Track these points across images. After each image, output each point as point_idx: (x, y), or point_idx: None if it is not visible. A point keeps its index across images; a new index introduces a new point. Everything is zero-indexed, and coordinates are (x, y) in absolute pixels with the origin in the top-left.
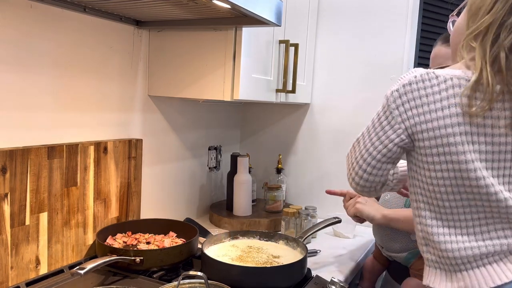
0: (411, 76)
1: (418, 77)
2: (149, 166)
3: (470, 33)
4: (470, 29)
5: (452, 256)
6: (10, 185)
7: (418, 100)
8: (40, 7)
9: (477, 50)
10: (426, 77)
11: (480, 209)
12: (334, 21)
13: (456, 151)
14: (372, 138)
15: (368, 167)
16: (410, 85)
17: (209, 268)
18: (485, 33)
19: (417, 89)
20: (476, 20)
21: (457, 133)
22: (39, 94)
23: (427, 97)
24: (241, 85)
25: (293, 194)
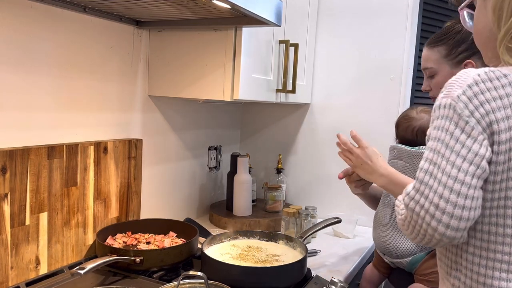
0: (474, 75)
1: (483, 75)
2: (149, 166)
3: (503, 35)
4: (502, 31)
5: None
6: (10, 185)
7: (493, 102)
8: (40, 7)
9: None
10: (492, 75)
11: None
12: (334, 21)
13: None
14: (454, 162)
15: (466, 201)
16: (478, 85)
17: (209, 268)
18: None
19: (487, 89)
20: (506, 21)
21: None
22: (39, 94)
23: (502, 100)
24: (241, 85)
25: (293, 194)
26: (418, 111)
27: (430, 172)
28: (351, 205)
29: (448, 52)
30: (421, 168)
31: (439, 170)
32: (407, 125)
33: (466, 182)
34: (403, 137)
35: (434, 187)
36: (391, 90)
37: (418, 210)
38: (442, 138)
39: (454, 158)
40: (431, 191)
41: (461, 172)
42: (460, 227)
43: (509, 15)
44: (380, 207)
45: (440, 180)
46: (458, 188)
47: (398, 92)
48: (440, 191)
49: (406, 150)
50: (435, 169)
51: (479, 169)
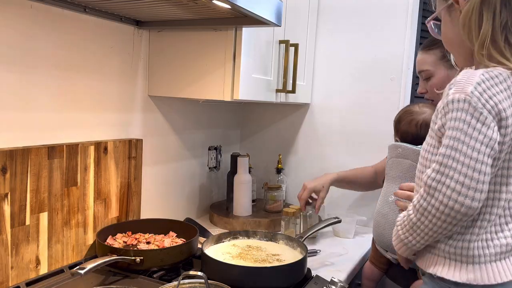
0: (479, 75)
1: (486, 75)
2: (149, 166)
3: (479, 45)
4: (476, 45)
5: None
6: (10, 185)
7: (499, 95)
8: (40, 7)
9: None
10: (492, 74)
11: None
12: (334, 21)
13: None
14: (474, 146)
15: (484, 177)
16: (485, 83)
17: (209, 268)
18: (492, 40)
19: (491, 85)
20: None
21: None
22: (39, 94)
23: (502, 93)
24: (241, 85)
25: (293, 194)
26: (420, 106)
27: (452, 157)
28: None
29: (443, 54)
30: (441, 154)
31: (461, 153)
32: (411, 119)
33: (484, 161)
34: (405, 132)
35: (458, 168)
36: (391, 90)
37: (444, 190)
38: (460, 127)
39: (473, 143)
40: (455, 172)
41: (480, 154)
42: (481, 198)
43: (477, 32)
44: (383, 205)
45: (463, 162)
46: (478, 167)
47: (398, 92)
48: (464, 170)
49: (412, 149)
50: (457, 153)
51: (492, 150)
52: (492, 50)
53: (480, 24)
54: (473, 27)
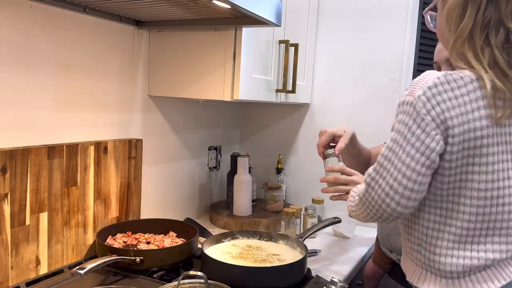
0: (434, 78)
1: (442, 78)
2: (149, 166)
3: (454, 40)
4: (453, 37)
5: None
6: (10, 185)
7: (448, 102)
8: (40, 7)
9: (469, 55)
10: (450, 78)
11: (486, 218)
12: (334, 21)
13: (486, 152)
14: (409, 152)
15: (414, 185)
16: (437, 87)
17: (209, 268)
18: (470, 36)
19: (444, 90)
20: (457, 24)
21: (488, 135)
22: (39, 94)
23: (457, 99)
24: (241, 85)
25: (293, 194)
26: None
27: (389, 158)
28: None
29: None
30: (382, 154)
31: (396, 157)
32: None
33: (416, 170)
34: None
35: (391, 171)
36: (391, 90)
37: (376, 188)
38: (401, 131)
39: (409, 149)
40: (388, 174)
41: (413, 161)
42: (408, 205)
43: (456, 27)
44: None
45: (396, 166)
46: (409, 174)
47: (398, 92)
48: (395, 175)
49: None
50: (393, 156)
51: (428, 160)
52: (467, 49)
53: (462, 19)
54: (454, 20)
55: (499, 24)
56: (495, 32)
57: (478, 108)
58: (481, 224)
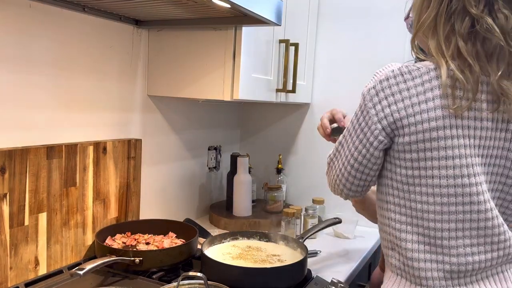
0: (388, 71)
1: (396, 71)
2: (149, 166)
3: (417, 30)
4: (416, 27)
5: (417, 267)
6: (9, 185)
7: (398, 94)
8: (39, 6)
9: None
10: (405, 70)
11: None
12: (334, 20)
13: (444, 145)
14: (354, 142)
15: (357, 173)
16: (388, 80)
17: (209, 269)
18: (434, 26)
19: (396, 83)
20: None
21: (445, 126)
22: (38, 94)
23: (409, 91)
24: (241, 85)
25: (293, 194)
26: None
27: (342, 145)
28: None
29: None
30: (338, 140)
31: (346, 145)
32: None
33: (358, 160)
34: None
35: (339, 158)
36: None
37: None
38: (352, 120)
39: (354, 139)
40: (337, 160)
41: (356, 152)
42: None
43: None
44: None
45: (344, 153)
46: (352, 163)
47: None
48: (342, 160)
49: None
50: (344, 143)
51: (368, 153)
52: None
53: (426, 10)
54: (418, 11)
55: (464, 13)
56: (460, 21)
57: (433, 98)
58: (449, 225)
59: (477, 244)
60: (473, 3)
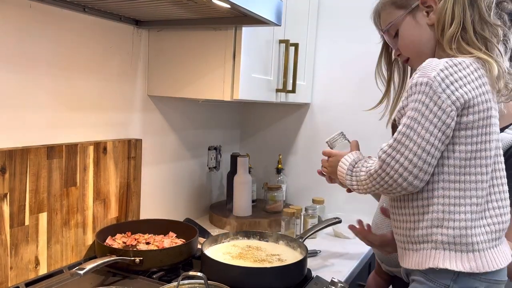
0: (443, 62)
1: (449, 62)
2: (149, 166)
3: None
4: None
5: (470, 234)
6: (9, 185)
7: (460, 81)
8: (39, 6)
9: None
10: (455, 61)
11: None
12: (334, 20)
13: (493, 123)
14: (428, 128)
15: (432, 159)
16: (448, 69)
17: (209, 269)
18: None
19: (454, 72)
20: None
21: (494, 108)
22: (39, 94)
23: (466, 78)
24: (241, 85)
25: (293, 194)
26: None
27: (407, 135)
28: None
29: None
30: (399, 131)
31: (415, 133)
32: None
33: (434, 145)
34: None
35: (410, 146)
36: None
37: (393, 163)
38: (419, 109)
39: (428, 124)
40: (407, 149)
41: (432, 137)
42: (424, 178)
43: (449, 27)
44: (376, 214)
45: (416, 141)
46: (428, 149)
47: None
48: (415, 149)
49: None
50: (411, 133)
51: (444, 135)
52: (462, 42)
53: (453, 19)
54: (446, 21)
55: (481, 20)
56: (481, 27)
57: (484, 84)
58: (493, 189)
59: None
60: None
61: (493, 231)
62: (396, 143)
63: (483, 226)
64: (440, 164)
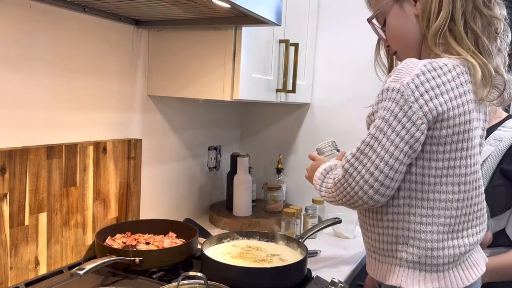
0: (420, 66)
1: (428, 65)
2: (149, 166)
3: (435, 31)
4: (433, 28)
5: (436, 256)
6: (9, 185)
7: (437, 89)
8: (39, 6)
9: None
10: (436, 65)
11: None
12: (334, 20)
13: (472, 136)
14: (393, 140)
15: (395, 174)
16: (424, 75)
17: (209, 269)
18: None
19: (432, 78)
20: (434, 19)
21: (474, 119)
22: (38, 94)
23: (444, 85)
24: (241, 85)
25: (293, 194)
26: None
27: (371, 146)
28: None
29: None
30: (363, 141)
31: (379, 145)
32: None
33: (398, 159)
34: None
35: (372, 158)
36: None
37: (355, 174)
38: (386, 118)
39: (394, 137)
40: (369, 161)
41: (397, 150)
42: (386, 193)
43: (435, 18)
44: None
45: (379, 154)
46: (392, 163)
47: None
48: (377, 162)
49: None
50: (376, 144)
51: (411, 149)
52: (449, 37)
53: (440, 10)
54: (432, 12)
55: (474, 11)
56: (473, 19)
57: (465, 93)
58: (465, 210)
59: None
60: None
61: (462, 252)
62: (359, 154)
63: (451, 248)
64: (407, 180)
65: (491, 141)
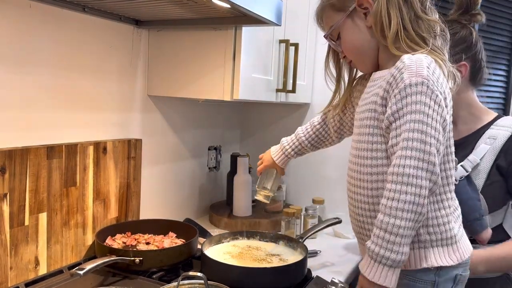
0: (424, 58)
1: (428, 58)
2: (149, 166)
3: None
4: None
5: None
6: (9, 185)
7: (440, 77)
8: (39, 6)
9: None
10: (429, 58)
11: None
12: None
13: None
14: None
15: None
16: (430, 65)
17: (209, 269)
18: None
19: (434, 67)
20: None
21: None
22: (38, 94)
23: (440, 74)
24: (241, 85)
25: (293, 194)
26: None
27: (420, 140)
28: None
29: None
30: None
31: (427, 135)
32: None
33: (441, 141)
34: None
35: (427, 149)
36: None
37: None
38: (422, 110)
39: (435, 124)
40: (425, 154)
41: (440, 135)
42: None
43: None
44: None
45: (430, 143)
46: (438, 147)
47: None
48: (433, 151)
49: None
50: (423, 136)
51: (443, 130)
52: (406, 40)
53: (390, 20)
54: (384, 22)
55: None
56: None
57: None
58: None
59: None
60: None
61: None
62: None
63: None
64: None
65: (486, 139)
